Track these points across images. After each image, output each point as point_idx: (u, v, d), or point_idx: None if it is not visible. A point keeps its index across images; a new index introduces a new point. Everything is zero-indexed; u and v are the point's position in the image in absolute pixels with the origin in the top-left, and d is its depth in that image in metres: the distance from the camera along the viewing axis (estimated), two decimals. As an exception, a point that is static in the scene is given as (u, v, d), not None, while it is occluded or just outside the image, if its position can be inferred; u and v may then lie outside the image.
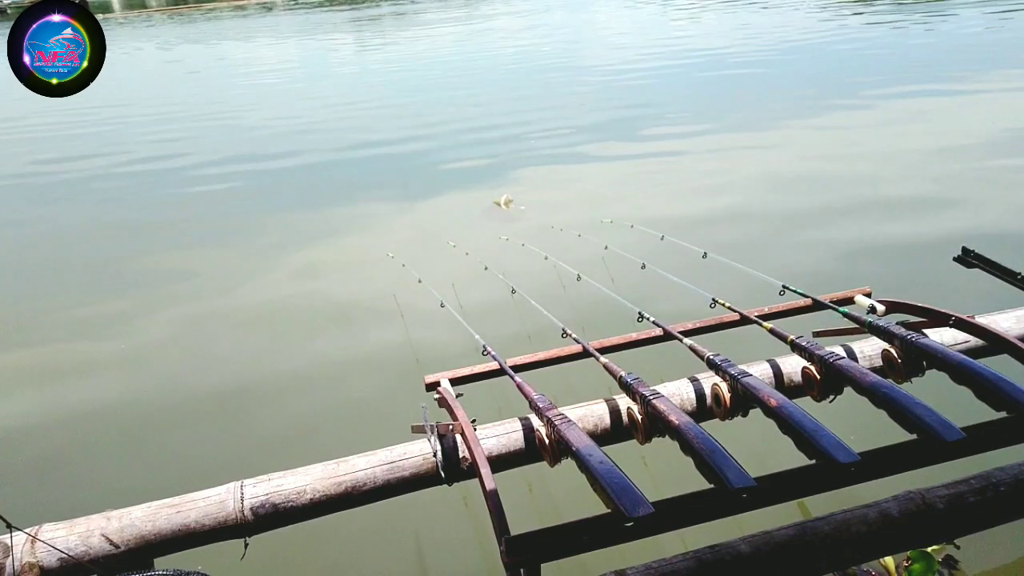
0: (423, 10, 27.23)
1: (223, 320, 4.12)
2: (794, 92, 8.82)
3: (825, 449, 1.19)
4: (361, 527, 2.40)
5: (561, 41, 16.42)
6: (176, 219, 6.01)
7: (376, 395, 3.25)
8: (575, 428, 1.36)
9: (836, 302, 1.88)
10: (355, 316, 4.01)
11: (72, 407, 3.40)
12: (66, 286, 4.78)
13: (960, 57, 10.03)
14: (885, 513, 1.45)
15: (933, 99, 7.67)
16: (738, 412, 1.54)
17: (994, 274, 1.91)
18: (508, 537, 1.16)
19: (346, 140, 8.31)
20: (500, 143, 7.61)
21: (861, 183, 5.39)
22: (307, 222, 5.64)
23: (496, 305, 3.56)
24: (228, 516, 1.54)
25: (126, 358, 3.80)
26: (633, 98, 9.32)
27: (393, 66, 14.86)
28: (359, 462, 1.64)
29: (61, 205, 6.73)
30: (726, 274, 2.47)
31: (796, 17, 15.88)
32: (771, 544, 1.39)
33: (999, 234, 4.30)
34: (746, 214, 5.00)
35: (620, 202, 5.43)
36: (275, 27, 25.99)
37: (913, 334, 1.55)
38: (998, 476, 1.52)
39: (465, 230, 5.14)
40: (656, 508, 1.10)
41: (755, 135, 7.06)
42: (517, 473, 1.72)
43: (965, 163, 5.61)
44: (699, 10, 19.66)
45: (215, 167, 7.54)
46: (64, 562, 1.47)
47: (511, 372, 1.69)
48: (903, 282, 3.81)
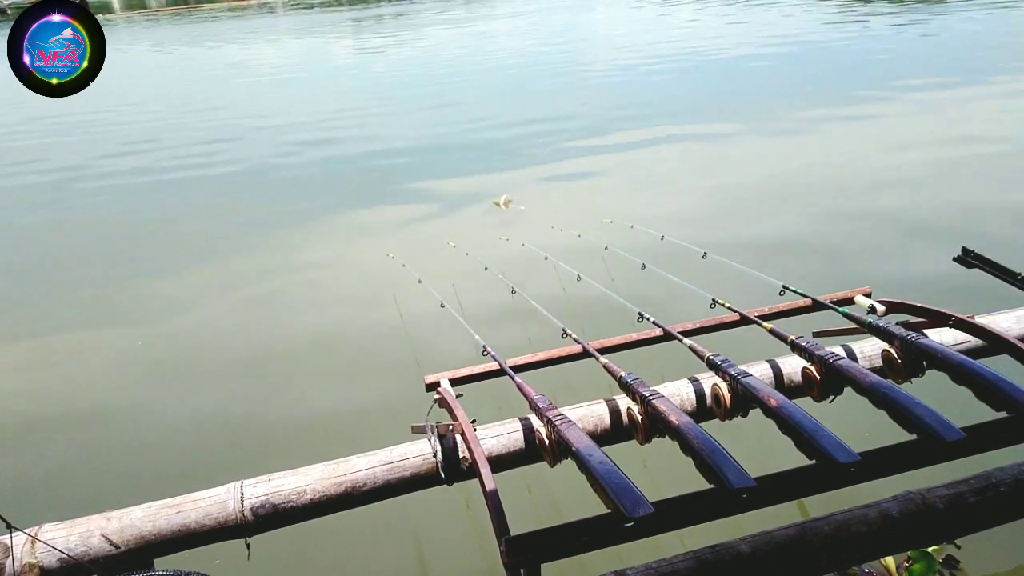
0: (424, 10, 27.22)
1: (223, 319, 4.12)
2: (795, 92, 8.81)
3: (825, 449, 1.19)
4: (361, 527, 2.40)
5: (562, 41, 16.42)
6: (174, 218, 6.01)
7: (376, 395, 3.24)
8: (575, 428, 1.36)
9: (836, 302, 1.88)
10: (355, 316, 4.01)
11: (72, 407, 3.40)
12: (65, 285, 4.78)
13: (960, 56, 10.03)
14: (885, 513, 1.45)
15: (933, 100, 7.67)
16: (738, 412, 1.54)
17: (994, 274, 1.91)
18: (508, 537, 1.16)
19: (345, 140, 8.32)
20: (500, 143, 7.61)
21: (861, 183, 5.39)
22: (307, 222, 5.64)
23: (496, 305, 3.56)
24: (228, 516, 1.54)
25: (126, 358, 3.80)
26: (633, 98, 9.33)
27: (393, 67, 14.86)
28: (359, 462, 1.64)
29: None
30: (726, 274, 2.47)
31: (797, 17, 15.87)
32: (771, 544, 1.39)
33: (999, 234, 4.30)
34: (746, 214, 5.00)
35: (620, 202, 5.43)
36: (276, 27, 25.98)
37: (913, 334, 1.55)
38: (998, 476, 1.52)
39: (465, 230, 5.14)
40: (656, 508, 1.10)
41: (755, 135, 7.07)
42: (517, 473, 1.72)
43: (966, 163, 5.62)
44: (699, 10, 19.66)
45: (213, 167, 7.54)
46: (64, 562, 1.47)
47: (511, 372, 1.69)
48: (903, 282, 3.81)
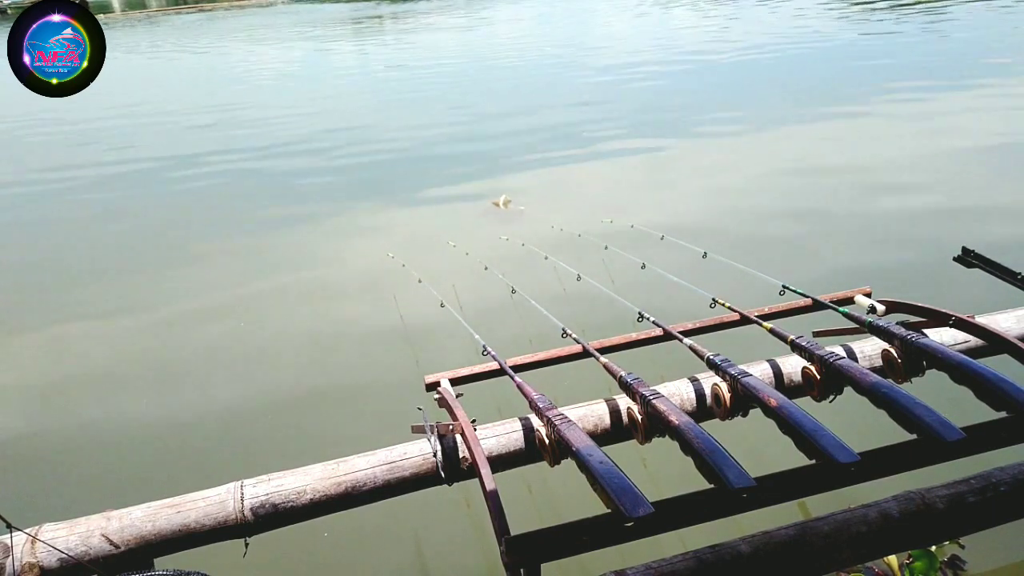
0: (425, 10, 27.22)
1: (222, 319, 4.12)
2: (795, 92, 8.81)
3: (825, 449, 1.19)
4: (361, 527, 2.40)
5: (562, 41, 16.41)
6: (172, 218, 6.01)
7: (376, 395, 3.24)
8: (575, 428, 1.36)
9: (836, 302, 1.88)
10: (355, 316, 4.01)
11: (72, 407, 3.40)
12: (63, 284, 4.78)
13: (961, 57, 10.03)
14: (885, 513, 1.45)
15: (935, 99, 7.67)
16: (738, 412, 1.53)
17: (994, 274, 1.91)
18: (508, 537, 1.16)
19: (345, 141, 8.31)
20: (500, 143, 7.61)
21: (862, 183, 5.39)
22: (307, 222, 5.64)
23: (496, 305, 3.56)
24: (228, 516, 1.54)
25: (127, 358, 3.80)
26: (633, 98, 9.32)
27: (393, 67, 14.84)
28: (359, 462, 1.64)
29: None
30: (726, 274, 2.48)
31: (801, 17, 15.87)
32: (771, 544, 1.39)
33: (999, 234, 4.30)
34: (746, 214, 5.00)
35: (620, 202, 5.43)
36: (277, 27, 25.97)
37: (913, 334, 1.55)
38: (998, 476, 1.52)
39: (465, 230, 5.14)
40: (656, 508, 1.10)
41: (756, 135, 7.07)
42: (517, 473, 1.72)
43: (965, 163, 5.62)
44: (698, 9, 19.65)
45: (211, 167, 7.54)
46: (64, 562, 1.47)
47: (511, 372, 1.69)
48: (903, 282, 3.81)
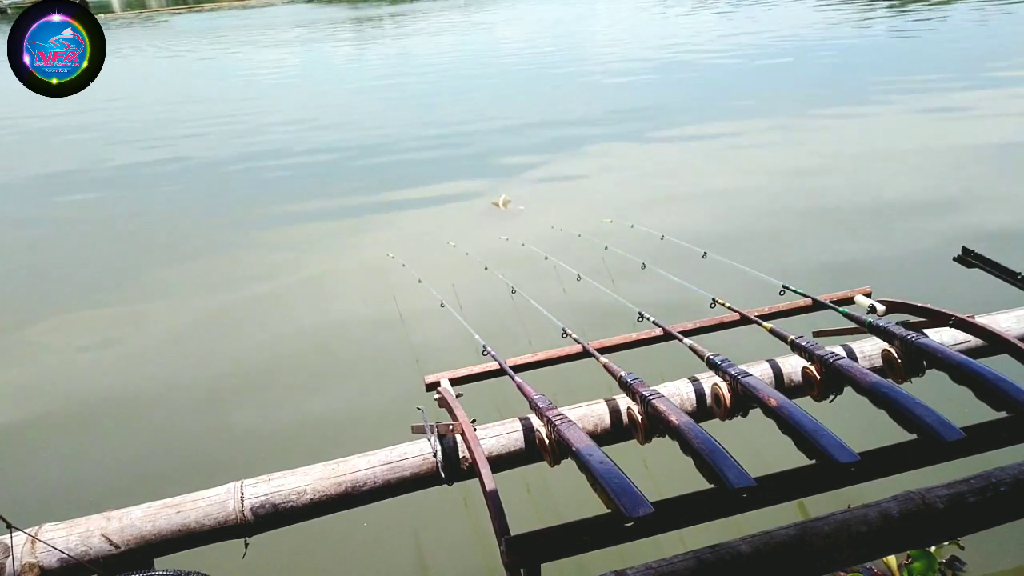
0: (426, 11, 27.21)
1: (223, 320, 4.12)
2: (795, 93, 8.81)
3: (825, 449, 1.19)
4: (361, 527, 2.40)
5: (562, 41, 16.41)
6: (170, 217, 6.01)
7: (376, 395, 3.24)
8: (575, 428, 1.36)
9: (836, 302, 1.88)
10: (355, 316, 4.01)
11: (72, 407, 3.40)
12: (63, 286, 4.78)
13: (962, 58, 10.03)
14: (885, 513, 1.45)
15: (935, 100, 7.67)
16: (738, 412, 1.53)
17: (994, 274, 1.90)
18: (508, 537, 1.16)
19: (344, 141, 8.31)
20: (501, 143, 7.61)
21: (861, 182, 5.39)
22: (307, 221, 5.64)
23: (496, 305, 3.56)
24: (228, 516, 1.54)
25: (127, 358, 3.80)
26: (633, 98, 9.32)
27: (393, 66, 14.85)
28: (359, 462, 1.64)
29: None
30: (726, 274, 2.48)
31: (799, 18, 15.86)
32: (771, 544, 1.39)
33: (1000, 234, 4.30)
34: (746, 214, 5.00)
35: (620, 202, 5.43)
36: (277, 27, 25.97)
37: (913, 334, 1.54)
38: (998, 476, 1.51)
39: (465, 230, 5.14)
40: (656, 508, 1.10)
41: (756, 135, 7.06)
42: (517, 473, 1.72)
43: (965, 163, 5.61)
44: (699, 9, 19.65)
45: (209, 166, 7.53)
46: (64, 562, 1.47)
47: (511, 372, 1.69)
48: (903, 282, 3.81)
